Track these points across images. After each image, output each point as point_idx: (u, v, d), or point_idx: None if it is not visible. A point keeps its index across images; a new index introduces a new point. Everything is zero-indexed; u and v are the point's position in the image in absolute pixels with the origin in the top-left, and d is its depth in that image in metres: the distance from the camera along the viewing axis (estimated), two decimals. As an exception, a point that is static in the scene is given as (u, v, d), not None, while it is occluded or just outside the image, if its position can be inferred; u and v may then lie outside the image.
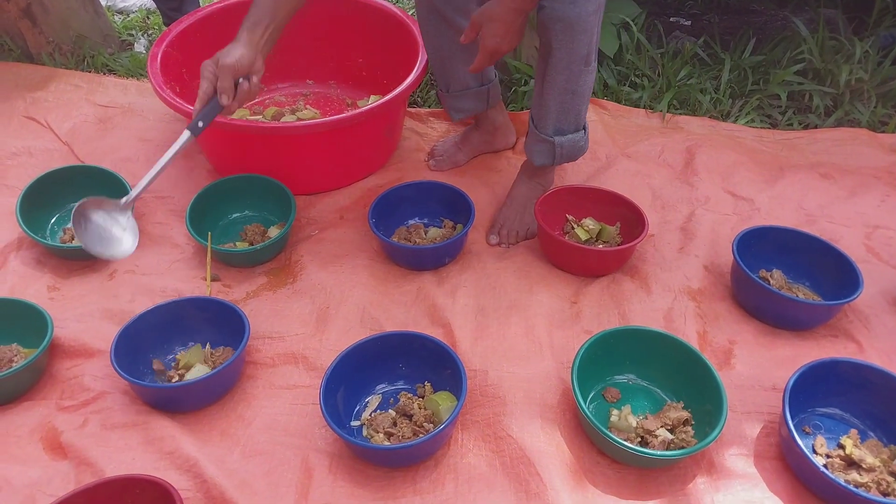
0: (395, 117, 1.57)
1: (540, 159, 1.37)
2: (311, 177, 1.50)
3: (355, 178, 1.55)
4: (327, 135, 1.41)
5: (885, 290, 1.29)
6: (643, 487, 0.97)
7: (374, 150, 1.56)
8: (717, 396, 0.99)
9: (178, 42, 1.59)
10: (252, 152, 1.44)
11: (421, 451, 0.97)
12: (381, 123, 1.50)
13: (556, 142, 1.33)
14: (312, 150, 1.45)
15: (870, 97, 1.80)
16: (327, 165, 1.50)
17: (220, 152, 1.52)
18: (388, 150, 1.62)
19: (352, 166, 1.53)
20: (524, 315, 1.21)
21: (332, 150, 1.46)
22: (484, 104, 1.55)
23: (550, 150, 1.35)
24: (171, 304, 1.15)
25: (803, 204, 1.51)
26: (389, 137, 1.59)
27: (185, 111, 1.36)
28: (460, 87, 1.51)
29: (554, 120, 1.31)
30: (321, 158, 1.47)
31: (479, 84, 1.51)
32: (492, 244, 1.40)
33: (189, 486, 0.94)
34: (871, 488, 0.94)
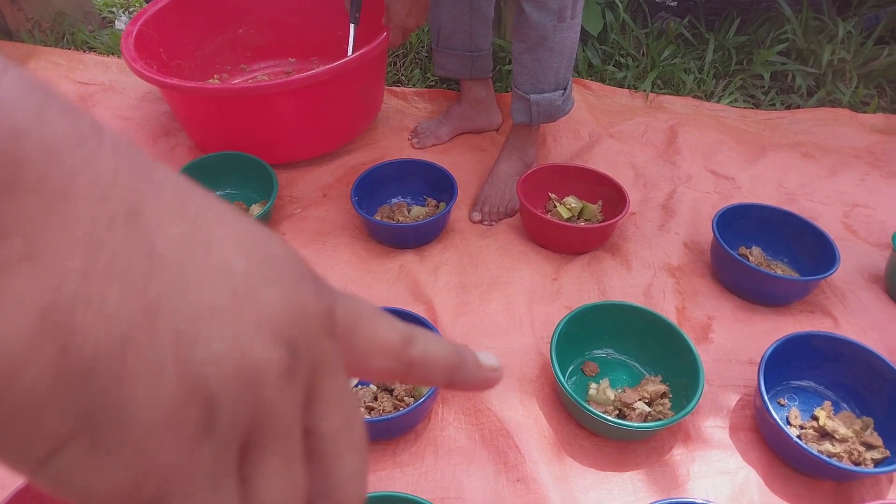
0: (371, 76, 1.53)
1: (518, 117, 1.38)
2: (288, 143, 1.47)
3: (334, 144, 1.53)
4: (301, 94, 1.38)
5: (861, 266, 1.31)
6: (621, 459, 0.98)
7: (351, 112, 1.52)
8: (693, 370, 1.00)
9: (155, 21, 1.57)
10: (226, 118, 1.42)
11: (401, 425, 0.98)
12: (355, 81, 1.47)
13: (532, 99, 1.33)
14: (286, 111, 1.41)
15: (852, 77, 1.81)
16: (304, 129, 1.46)
17: (195, 121, 1.49)
18: (368, 115, 1.60)
19: (330, 130, 1.50)
20: (505, 292, 1.21)
21: (307, 110, 1.43)
22: (467, 70, 1.55)
23: (527, 108, 1.35)
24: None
25: (784, 182, 1.52)
26: (367, 100, 1.56)
27: (160, 81, 1.34)
28: (448, 45, 1.53)
29: (530, 77, 1.31)
30: (296, 120, 1.44)
31: (466, 48, 1.52)
32: (474, 221, 1.40)
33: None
34: (844, 458, 0.96)
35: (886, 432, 0.99)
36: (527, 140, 1.44)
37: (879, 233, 1.39)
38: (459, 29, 1.50)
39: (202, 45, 1.73)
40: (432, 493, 0.92)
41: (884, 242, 1.36)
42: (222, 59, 1.79)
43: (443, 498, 0.92)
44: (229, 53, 1.80)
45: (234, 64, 1.82)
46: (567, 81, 1.36)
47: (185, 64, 1.67)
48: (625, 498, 0.93)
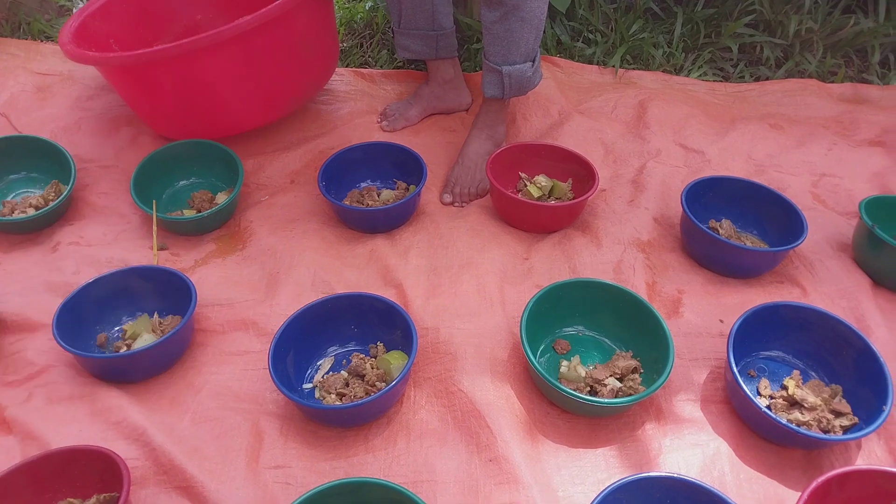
0: (309, 23, 1.39)
1: (490, 90, 1.37)
2: (229, 109, 1.38)
3: (282, 108, 1.45)
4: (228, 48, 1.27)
5: (829, 235, 1.31)
6: (593, 435, 0.99)
7: (293, 67, 1.41)
8: (663, 344, 1.00)
9: (103, 12, 1.51)
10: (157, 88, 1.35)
11: (372, 410, 0.97)
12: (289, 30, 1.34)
13: (504, 71, 1.32)
14: (217, 70, 1.31)
15: (819, 47, 1.81)
16: (242, 90, 1.36)
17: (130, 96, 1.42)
18: (317, 73, 1.51)
19: (273, 90, 1.40)
20: (476, 272, 1.21)
21: (239, 67, 1.32)
22: (432, 50, 1.53)
23: (499, 81, 1.34)
24: (114, 274, 1.12)
25: (753, 154, 1.52)
26: (312, 54, 1.44)
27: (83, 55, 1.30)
28: (410, 26, 1.50)
29: (501, 49, 1.30)
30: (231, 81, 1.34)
31: (429, 28, 1.50)
32: (445, 203, 1.39)
33: (137, 454, 0.94)
34: (812, 426, 0.97)
35: (854, 399, 1.00)
36: (497, 117, 1.43)
37: (847, 201, 1.40)
38: (421, 8, 1.47)
39: (159, 34, 1.68)
40: (405, 477, 0.92)
41: (851, 211, 1.37)
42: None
43: (415, 481, 0.92)
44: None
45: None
46: (536, 53, 1.35)
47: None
48: (597, 474, 0.94)
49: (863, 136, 1.58)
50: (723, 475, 0.94)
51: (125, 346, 1.09)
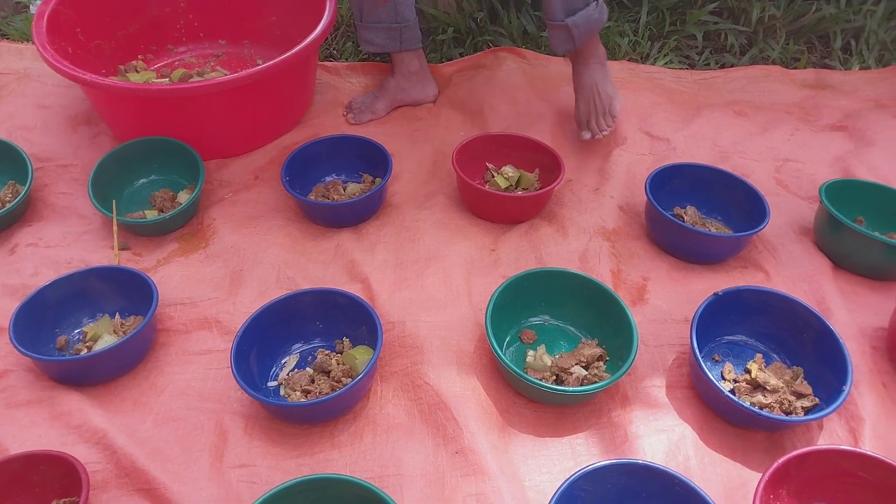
0: (302, 73, 1.52)
1: (562, 46, 1.36)
2: (218, 141, 1.44)
3: (266, 139, 1.50)
4: (230, 94, 1.35)
5: (792, 220, 1.33)
6: (560, 424, 0.99)
7: (282, 109, 1.50)
8: (627, 331, 1.01)
9: (72, 1, 1.50)
10: (152, 117, 1.37)
11: (337, 405, 0.97)
12: (286, 80, 1.45)
13: (569, 23, 1.31)
14: (215, 111, 1.39)
15: (781, 34, 1.83)
16: (234, 127, 1.44)
17: (120, 121, 1.44)
18: (301, 107, 1.57)
19: (260, 127, 1.48)
20: (442, 265, 1.20)
21: (236, 110, 1.40)
22: (396, 43, 1.52)
23: (567, 34, 1.34)
24: (73, 275, 1.10)
25: (718, 141, 1.53)
26: (301, 92, 1.54)
27: (69, 73, 1.29)
28: (373, 20, 1.49)
29: (561, 2, 1.29)
30: (225, 120, 1.41)
31: (392, 21, 1.48)
32: (585, 139, 1.40)
33: (98, 458, 0.92)
34: (775, 408, 0.98)
35: (815, 380, 1.01)
36: (592, 42, 1.40)
37: (809, 186, 1.41)
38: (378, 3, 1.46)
39: (125, 25, 1.65)
40: (371, 472, 0.92)
41: (813, 195, 1.38)
42: (147, 39, 1.71)
43: (381, 476, 0.91)
44: (155, 33, 1.72)
45: (160, 44, 1.74)
46: None
47: (105, 45, 1.60)
48: (564, 463, 0.94)
49: (825, 122, 1.60)
50: (687, 459, 0.95)
51: (86, 348, 1.07)
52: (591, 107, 1.40)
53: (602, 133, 1.41)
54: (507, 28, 1.83)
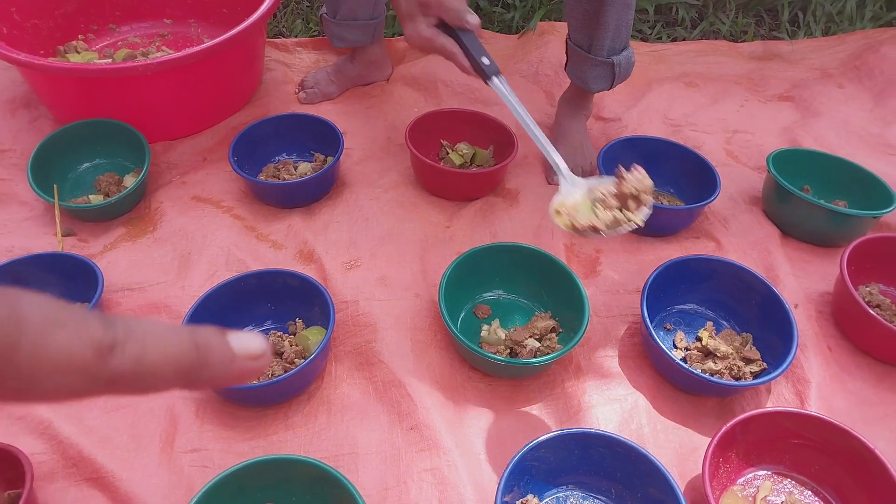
0: (249, 51, 1.48)
1: (598, 84, 1.30)
2: (165, 122, 1.40)
3: (215, 120, 1.46)
4: (175, 74, 1.32)
5: (742, 190, 1.35)
6: (514, 396, 0.99)
7: (230, 88, 1.46)
8: (579, 303, 1.01)
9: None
10: (94, 99, 1.33)
11: (290, 386, 0.96)
12: (233, 59, 1.41)
13: (615, 62, 1.27)
14: (160, 92, 1.35)
15: (731, 7, 1.84)
16: (180, 108, 1.40)
17: (61, 104, 1.40)
18: (250, 87, 1.54)
19: (208, 108, 1.44)
20: (396, 243, 1.19)
21: (182, 90, 1.36)
22: (369, 37, 1.49)
23: (609, 73, 1.28)
24: (12, 262, 1.06)
25: (669, 114, 1.54)
26: (248, 74, 1.50)
27: (6, 55, 1.24)
28: (349, 17, 1.44)
29: (610, 39, 1.23)
30: (172, 101, 1.37)
31: (369, 17, 1.44)
32: (556, 183, 1.32)
33: (44, 448, 0.89)
34: (725, 374, 0.99)
35: (764, 346, 1.03)
36: (588, 97, 1.38)
37: (758, 156, 1.44)
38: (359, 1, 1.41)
39: (63, 3, 1.59)
40: (325, 452, 0.91)
41: (762, 165, 1.40)
42: (87, 18, 1.65)
43: (336, 455, 0.91)
44: (95, 12, 1.66)
45: (101, 24, 1.68)
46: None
47: (42, 24, 1.54)
48: (519, 435, 0.94)
49: (773, 92, 1.62)
50: (640, 427, 0.96)
51: (29, 337, 1.03)
52: (570, 155, 1.35)
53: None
54: (460, 3, 1.81)
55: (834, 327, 1.11)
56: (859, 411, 0.99)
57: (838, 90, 1.63)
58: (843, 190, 1.30)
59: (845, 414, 0.98)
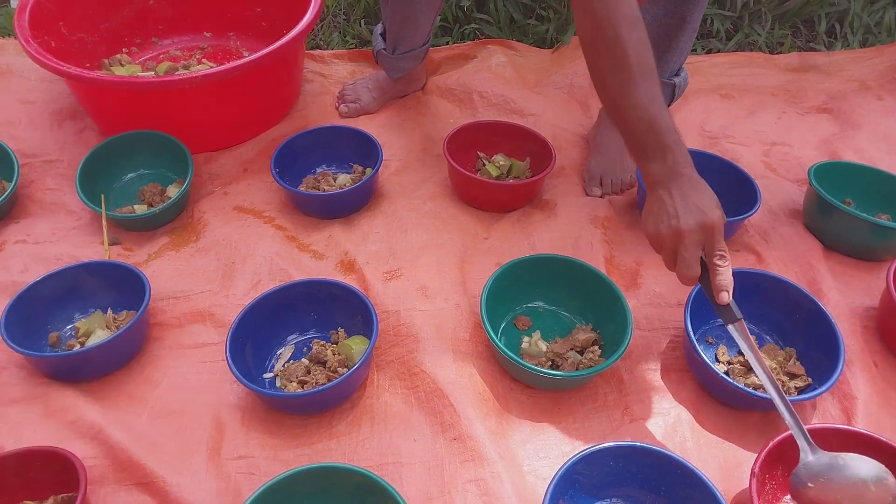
0: (289, 65, 1.50)
1: None
2: (205, 134, 1.43)
3: (254, 132, 1.48)
4: (216, 87, 1.34)
5: (782, 202, 1.34)
6: (556, 408, 0.99)
7: (269, 101, 1.49)
8: (622, 316, 1.01)
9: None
10: (138, 111, 1.36)
11: (334, 395, 0.97)
12: (273, 72, 1.44)
13: (676, 83, 1.29)
14: (201, 104, 1.37)
15: (767, 18, 1.83)
16: (221, 121, 1.42)
17: (106, 115, 1.43)
18: (289, 99, 1.56)
19: (248, 120, 1.47)
20: (436, 254, 1.20)
21: (222, 103, 1.39)
22: (419, 61, 1.51)
23: (669, 93, 1.30)
24: (63, 271, 1.09)
25: (706, 126, 1.54)
26: (287, 87, 1.53)
27: (53, 67, 1.27)
28: (407, 49, 1.45)
29: (676, 62, 1.27)
30: (212, 113, 1.40)
31: (422, 43, 1.46)
32: (593, 195, 1.35)
33: (95, 453, 0.91)
34: (769, 389, 0.98)
35: (808, 361, 1.02)
36: None
37: (797, 169, 1.42)
38: (416, 31, 1.42)
39: (108, 17, 1.64)
40: (370, 461, 0.92)
41: (802, 178, 1.39)
42: (131, 32, 1.69)
43: (380, 464, 0.91)
44: (139, 26, 1.71)
45: (144, 37, 1.73)
46: None
47: (88, 38, 1.58)
48: (561, 447, 0.95)
49: (810, 104, 1.61)
50: (684, 441, 0.95)
51: (78, 343, 1.06)
52: (609, 167, 1.35)
53: (613, 195, 1.35)
54: (494, 16, 1.82)
55: (879, 342, 1.09)
56: (907, 428, 0.98)
57: (877, 102, 1.62)
58: (886, 203, 1.29)
59: (893, 430, 0.97)
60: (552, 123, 1.52)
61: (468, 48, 1.72)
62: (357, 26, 1.79)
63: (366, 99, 1.55)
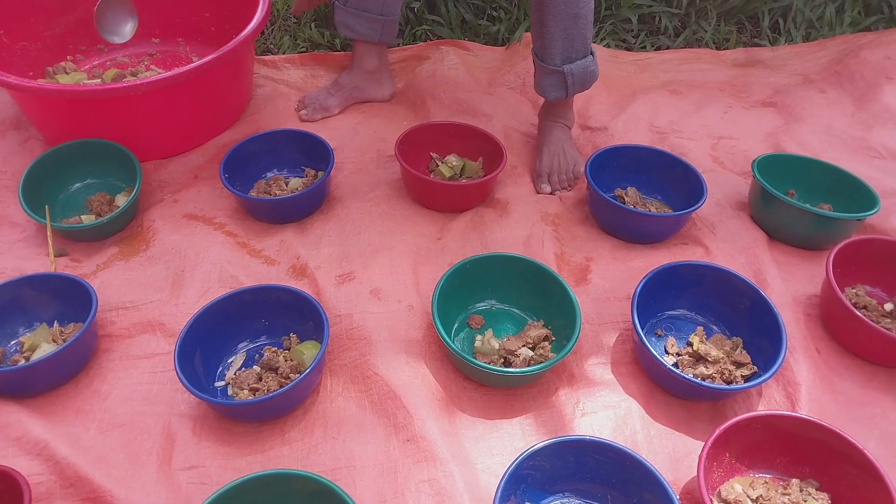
0: (238, 69, 1.49)
1: (553, 93, 1.34)
2: (155, 141, 1.41)
3: (205, 138, 1.47)
4: (165, 93, 1.32)
5: (728, 195, 1.37)
6: (509, 406, 1.00)
7: (220, 106, 1.48)
8: (570, 311, 1.03)
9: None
10: (83, 120, 1.33)
11: (286, 401, 0.96)
12: (222, 77, 1.42)
13: (566, 70, 1.30)
14: (150, 111, 1.35)
15: (713, 16, 1.87)
16: (170, 128, 1.41)
17: (51, 125, 1.40)
18: (239, 104, 1.54)
19: (198, 126, 1.45)
20: (389, 256, 1.20)
21: (172, 110, 1.37)
22: (376, 34, 1.49)
23: (561, 81, 1.32)
24: (4, 285, 1.06)
25: (654, 122, 1.57)
26: (237, 92, 1.51)
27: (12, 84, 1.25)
28: (358, 6, 1.45)
29: (560, 48, 1.28)
30: (162, 120, 1.38)
31: (378, 12, 1.46)
32: (543, 192, 1.36)
33: (41, 470, 0.89)
34: (716, 378, 1.01)
35: (754, 349, 1.05)
36: (566, 105, 1.41)
37: (743, 162, 1.46)
38: None
39: (51, 24, 1.60)
40: (323, 466, 0.92)
41: (748, 171, 1.42)
42: (75, 39, 1.66)
43: (333, 469, 0.91)
44: (84, 33, 1.67)
45: (89, 44, 1.69)
46: (591, 47, 1.33)
47: (31, 45, 1.55)
48: (514, 443, 0.95)
49: (756, 98, 1.65)
50: (634, 433, 0.97)
51: (23, 358, 1.03)
52: (554, 162, 1.38)
53: (562, 190, 1.38)
54: (445, 17, 1.83)
55: (822, 329, 1.12)
56: (849, 412, 1.01)
57: (820, 95, 1.66)
58: (828, 193, 1.32)
59: (835, 415, 0.99)
60: (504, 123, 1.53)
61: (421, 49, 1.73)
62: (308, 29, 1.78)
63: (324, 97, 1.54)
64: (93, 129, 1.33)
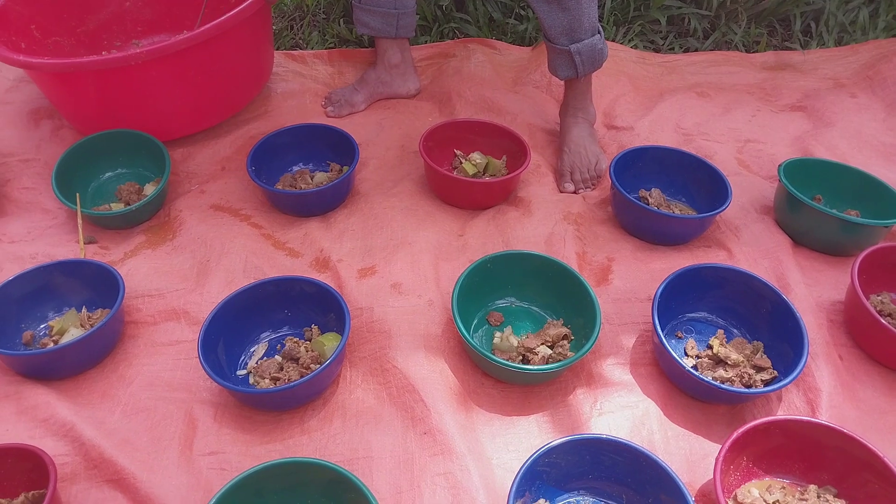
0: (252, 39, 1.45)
1: (563, 72, 1.36)
2: (169, 117, 1.40)
3: (222, 115, 1.47)
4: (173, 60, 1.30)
5: (753, 199, 1.36)
6: (526, 403, 1.00)
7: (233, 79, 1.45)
8: (591, 310, 1.03)
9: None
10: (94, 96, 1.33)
11: (305, 391, 0.97)
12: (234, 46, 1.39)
13: (572, 49, 1.31)
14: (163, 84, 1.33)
15: (743, 18, 1.85)
16: (184, 100, 1.39)
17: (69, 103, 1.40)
18: (256, 81, 1.53)
19: (215, 100, 1.44)
20: (410, 251, 1.21)
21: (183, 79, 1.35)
22: (392, 28, 1.51)
23: (570, 61, 1.33)
24: (37, 269, 1.09)
25: (681, 123, 1.56)
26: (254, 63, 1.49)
27: (23, 63, 1.26)
28: (372, 2, 1.47)
29: (566, 28, 1.29)
30: (175, 91, 1.36)
31: (391, 6, 1.47)
32: (567, 192, 1.37)
33: (66, 451, 0.92)
34: (736, 382, 1.00)
35: (775, 354, 1.04)
36: (584, 97, 1.41)
37: (770, 165, 1.44)
38: None
39: (83, 20, 1.63)
40: (341, 456, 0.93)
41: (774, 175, 1.41)
42: (109, 34, 1.69)
43: (351, 459, 0.92)
44: (117, 28, 1.70)
45: (124, 40, 1.72)
46: (598, 26, 1.34)
47: (63, 41, 1.58)
48: (530, 440, 0.96)
49: (785, 102, 1.63)
50: (651, 434, 0.97)
51: (52, 342, 1.06)
52: (576, 161, 1.38)
53: (585, 189, 1.38)
54: (473, 15, 1.83)
55: (845, 336, 1.11)
56: (870, 420, 0.99)
57: (851, 100, 1.64)
58: (855, 199, 1.31)
59: (856, 423, 0.98)
60: (529, 122, 1.53)
61: (448, 47, 1.73)
62: (336, 25, 1.80)
63: (349, 93, 1.56)
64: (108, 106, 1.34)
